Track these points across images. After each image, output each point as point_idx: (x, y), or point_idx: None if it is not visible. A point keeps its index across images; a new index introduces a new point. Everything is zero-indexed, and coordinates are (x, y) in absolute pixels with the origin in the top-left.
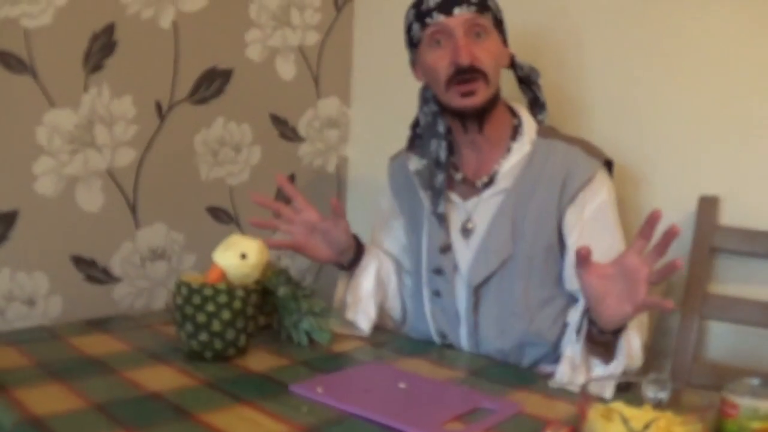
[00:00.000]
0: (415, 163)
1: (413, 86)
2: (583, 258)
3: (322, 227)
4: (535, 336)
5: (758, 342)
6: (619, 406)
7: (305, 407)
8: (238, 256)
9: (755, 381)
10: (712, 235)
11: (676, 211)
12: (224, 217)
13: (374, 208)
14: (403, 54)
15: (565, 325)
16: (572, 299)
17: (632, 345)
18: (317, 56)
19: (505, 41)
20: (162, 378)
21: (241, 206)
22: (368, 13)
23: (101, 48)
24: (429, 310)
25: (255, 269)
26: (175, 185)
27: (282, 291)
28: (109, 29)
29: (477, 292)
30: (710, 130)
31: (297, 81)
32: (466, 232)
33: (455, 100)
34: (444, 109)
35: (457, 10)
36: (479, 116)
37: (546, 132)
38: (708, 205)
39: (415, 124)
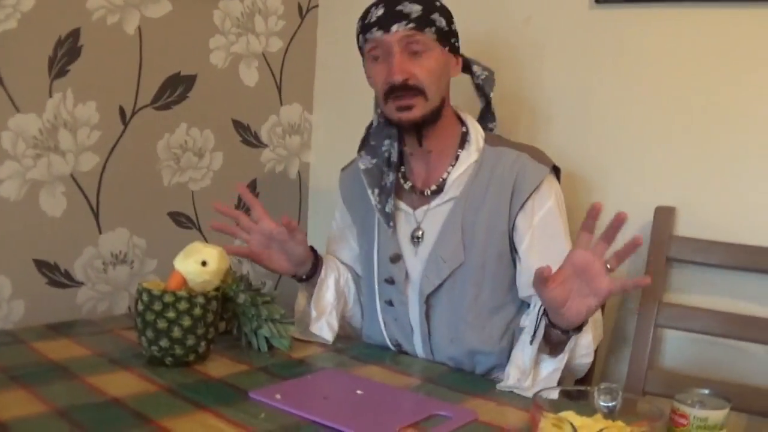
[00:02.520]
0: (365, 162)
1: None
2: (542, 280)
3: (279, 238)
4: (485, 344)
5: (713, 351)
6: (570, 415)
7: (263, 413)
8: (198, 263)
9: (705, 391)
10: (668, 245)
11: (633, 221)
12: (186, 223)
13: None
14: None
15: (514, 333)
16: (522, 306)
17: (581, 341)
18: (280, 63)
19: (455, 50)
20: (123, 383)
21: (202, 212)
22: (331, 21)
23: (66, 53)
24: (382, 319)
25: (215, 276)
26: (138, 190)
27: (242, 298)
28: (75, 34)
29: (428, 300)
30: (667, 141)
31: (260, 87)
32: (415, 240)
33: (393, 113)
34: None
35: (395, 27)
36: (417, 130)
37: (493, 140)
38: (664, 216)
39: (370, 126)
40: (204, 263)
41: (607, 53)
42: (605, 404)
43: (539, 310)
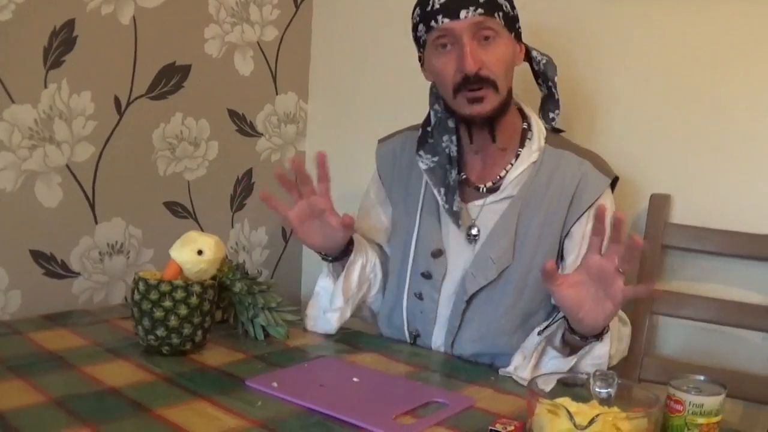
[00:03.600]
0: (426, 162)
1: (370, 82)
2: (548, 273)
3: (326, 220)
4: (512, 347)
5: (709, 338)
6: (566, 401)
7: (260, 402)
8: (194, 252)
9: (701, 378)
10: (663, 233)
11: (628, 208)
12: (182, 212)
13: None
14: (361, 50)
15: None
16: (552, 313)
17: (596, 351)
18: (276, 52)
19: (519, 37)
20: (120, 373)
21: (198, 201)
22: (327, 10)
23: (61, 44)
24: (406, 309)
25: (211, 265)
26: (134, 180)
27: (238, 286)
28: (69, 25)
29: (469, 299)
30: (662, 129)
31: (255, 76)
32: (470, 237)
33: (464, 107)
34: (452, 114)
35: (463, 13)
36: (489, 124)
37: (555, 140)
38: (659, 203)
39: (426, 122)
40: (200, 252)
41: (603, 43)
42: (601, 391)
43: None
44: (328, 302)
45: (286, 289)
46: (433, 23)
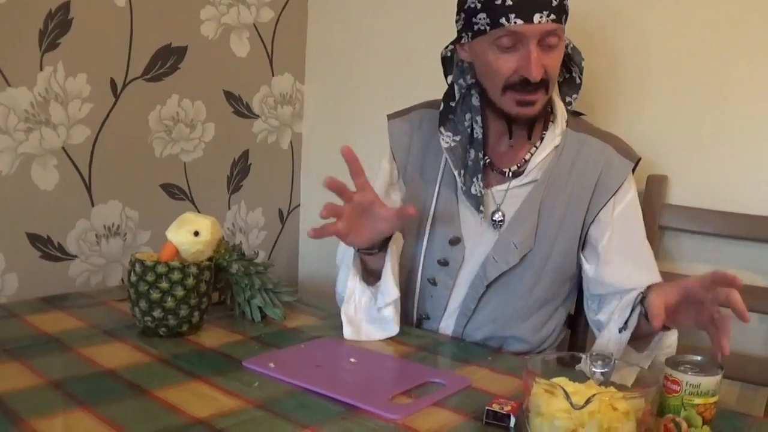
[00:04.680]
0: (447, 140)
1: (367, 63)
2: (657, 317)
3: (376, 212)
4: (525, 332)
5: None
6: (563, 381)
7: (256, 382)
8: (191, 234)
9: (698, 358)
10: (660, 214)
11: None
12: (178, 194)
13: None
14: (358, 31)
15: (554, 329)
16: (567, 300)
17: (666, 340)
18: (272, 33)
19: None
20: (117, 355)
21: (195, 183)
22: None
23: (57, 26)
24: (418, 293)
25: (208, 246)
26: (130, 162)
27: (235, 267)
28: (65, 7)
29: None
30: (660, 109)
31: (251, 58)
32: (495, 223)
33: (510, 106)
34: (488, 103)
35: (537, 17)
36: (530, 124)
37: (576, 124)
38: (656, 184)
39: (449, 96)
40: (196, 233)
41: (599, 23)
42: (598, 371)
43: (635, 301)
44: (373, 301)
45: (283, 270)
46: (503, 20)
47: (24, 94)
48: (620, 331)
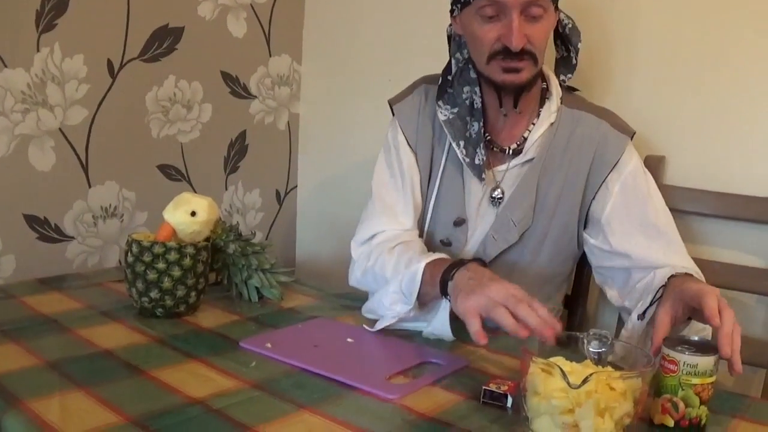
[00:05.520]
0: (445, 113)
1: (365, 43)
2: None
3: None
4: None
5: None
6: (560, 360)
7: (254, 362)
8: (188, 214)
9: (695, 338)
10: None
11: None
12: (176, 175)
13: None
14: (355, 11)
15: (552, 309)
16: (566, 280)
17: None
18: (269, 14)
19: (556, 4)
20: (114, 335)
21: (192, 164)
22: None
23: (53, 7)
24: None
25: (205, 226)
26: (127, 143)
27: (232, 248)
28: None
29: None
30: (656, 90)
31: (248, 39)
32: (494, 200)
33: (496, 74)
34: (480, 75)
35: None
36: (517, 92)
37: (571, 100)
38: (653, 164)
39: (447, 70)
40: (193, 213)
41: (603, 1)
42: (595, 350)
43: (656, 294)
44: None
45: (281, 251)
46: None
47: (21, 75)
48: (639, 319)
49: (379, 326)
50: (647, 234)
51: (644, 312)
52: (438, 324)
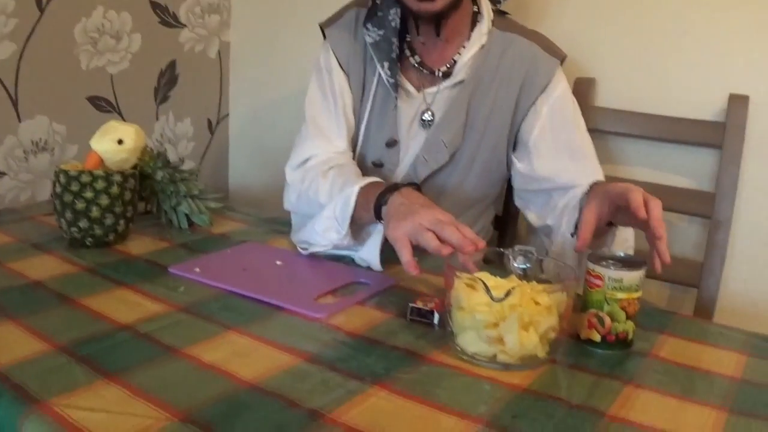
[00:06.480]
0: (372, 36)
1: None
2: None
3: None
4: None
5: None
6: (484, 275)
7: (182, 287)
8: (114, 142)
9: (620, 253)
10: (587, 116)
11: None
12: (106, 107)
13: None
14: None
15: (482, 230)
16: (494, 204)
17: (621, 234)
18: None
19: None
20: (45, 267)
21: (122, 95)
22: None
23: None
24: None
25: (132, 154)
26: (56, 77)
27: (160, 175)
28: None
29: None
30: (587, 13)
31: None
32: (424, 122)
33: (411, 2)
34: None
35: None
36: (436, 20)
37: (502, 23)
38: (585, 87)
39: None
40: (120, 141)
41: None
42: (520, 266)
43: (581, 203)
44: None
45: (213, 180)
46: None
47: None
48: (572, 236)
49: (311, 251)
50: (573, 157)
51: (576, 225)
52: (367, 251)
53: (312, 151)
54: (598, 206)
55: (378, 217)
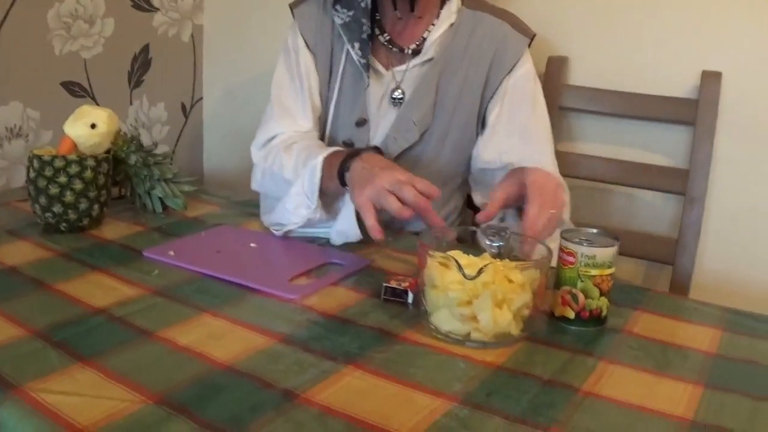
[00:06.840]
0: (342, 17)
1: None
2: (483, 215)
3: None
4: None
5: (605, 198)
6: (457, 254)
7: (156, 270)
8: (87, 126)
9: (593, 230)
10: (560, 95)
11: None
12: (79, 92)
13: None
14: None
15: (455, 209)
16: (467, 182)
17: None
18: None
19: None
20: (19, 252)
21: (95, 80)
22: None
23: None
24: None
25: (105, 138)
26: (30, 62)
27: (133, 159)
28: None
29: None
30: None
31: None
32: (394, 101)
33: None
34: None
35: None
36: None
37: (472, 3)
38: (557, 65)
39: None
40: (93, 125)
41: None
42: (492, 244)
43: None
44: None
45: (188, 164)
46: None
47: None
48: (501, 220)
49: (284, 230)
50: (523, 137)
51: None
52: (343, 221)
53: (277, 129)
54: (509, 185)
55: (343, 184)
